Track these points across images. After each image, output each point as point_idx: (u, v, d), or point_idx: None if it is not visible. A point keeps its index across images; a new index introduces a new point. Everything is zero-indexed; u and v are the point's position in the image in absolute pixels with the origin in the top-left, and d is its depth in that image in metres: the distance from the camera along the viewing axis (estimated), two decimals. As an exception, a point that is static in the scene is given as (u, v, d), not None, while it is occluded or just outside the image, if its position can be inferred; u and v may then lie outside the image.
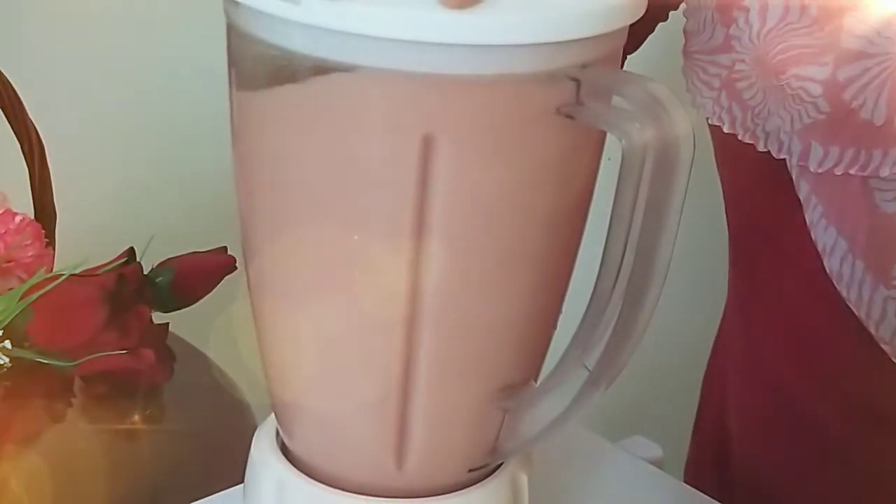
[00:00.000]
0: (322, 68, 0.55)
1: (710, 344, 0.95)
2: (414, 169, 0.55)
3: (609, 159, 0.59)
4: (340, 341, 0.60)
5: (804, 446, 0.84)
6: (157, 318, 1.02)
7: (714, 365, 0.95)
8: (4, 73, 1.01)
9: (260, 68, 0.57)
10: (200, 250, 1.06)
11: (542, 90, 0.55)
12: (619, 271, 0.57)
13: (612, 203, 0.61)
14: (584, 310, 0.62)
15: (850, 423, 0.81)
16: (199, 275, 1.04)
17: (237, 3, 0.56)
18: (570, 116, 0.56)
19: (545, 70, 0.55)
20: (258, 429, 0.68)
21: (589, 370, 0.59)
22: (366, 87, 0.55)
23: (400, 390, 0.60)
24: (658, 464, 0.83)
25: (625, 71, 0.56)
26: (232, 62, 0.59)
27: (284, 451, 0.66)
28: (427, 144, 0.55)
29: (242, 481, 0.66)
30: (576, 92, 0.55)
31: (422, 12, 0.53)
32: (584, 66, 0.55)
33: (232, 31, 0.58)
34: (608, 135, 0.57)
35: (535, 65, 0.55)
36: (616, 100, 0.56)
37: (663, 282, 0.57)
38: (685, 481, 0.84)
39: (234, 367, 1.07)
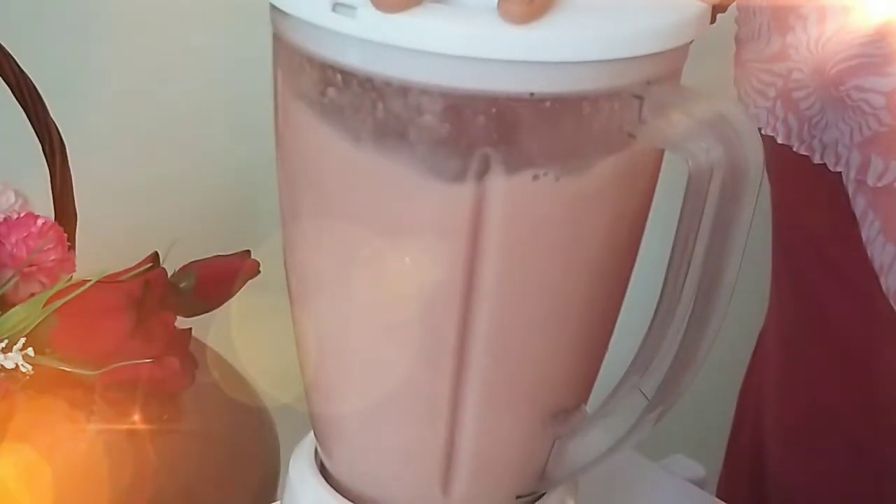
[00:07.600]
0: (374, 82, 0.52)
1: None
2: (469, 190, 0.53)
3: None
4: (388, 365, 0.58)
5: (849, 467, 0.82)
6: (179, 322, 1.00)
7: (751, 381, 0.93)
8: (27, 72, 0.98)
9: (307, 79, 0.55)
10: (223, 254, 1.04)
11: (605, 108, 0.53)
12: (680, 296, 0.55)
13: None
14: (630, 327, 0.60)
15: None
16: (222, 279, 1.02)
17: (285, 14, 0.54)
18: (631, 135, 0.53)
19: (609, 87, 0.52)
20: (296, 448, 0.66)
21: (647, 397, 0.57)
22: (421, 105, 0.52)
23: (448, 414, 0.58)
24: (700, 483, 0.81)
25: (691, 88, 0.53)
26: (277, 71, 0.57)
27: (324, 472, 0.64)
28: (483, 165, 0.53)
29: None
30: (638, 109, 0.53)
31: (482, 27, 0.50)
32: (648, 83, 0.53)
33: (278, 41, 0.56)
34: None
35: (600, 82, 0.52)
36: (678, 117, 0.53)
37: (727, 308, 0.55)
38: (717, 496, 0.82)
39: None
